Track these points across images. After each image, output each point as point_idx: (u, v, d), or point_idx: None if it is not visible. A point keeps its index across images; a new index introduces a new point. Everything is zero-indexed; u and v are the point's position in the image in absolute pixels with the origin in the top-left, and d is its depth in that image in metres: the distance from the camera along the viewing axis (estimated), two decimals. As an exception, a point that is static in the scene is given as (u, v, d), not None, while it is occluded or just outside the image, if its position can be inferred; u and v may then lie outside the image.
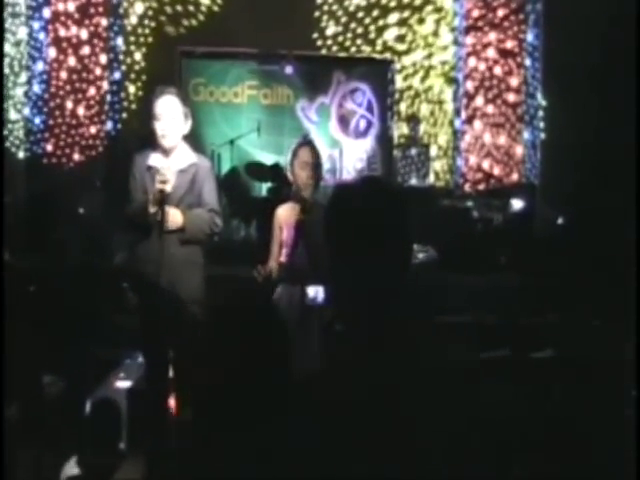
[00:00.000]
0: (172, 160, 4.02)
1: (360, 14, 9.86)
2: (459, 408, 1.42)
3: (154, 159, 4.01)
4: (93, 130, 9.14)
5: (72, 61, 8.96)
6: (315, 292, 3.81)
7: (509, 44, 9.75)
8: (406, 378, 1.41)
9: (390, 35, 9.94)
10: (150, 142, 4.08)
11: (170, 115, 3.97)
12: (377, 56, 9.97)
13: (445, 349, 1.51)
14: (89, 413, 4.01)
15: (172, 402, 3.84)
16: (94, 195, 8.30)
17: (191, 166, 4.06)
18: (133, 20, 9.47)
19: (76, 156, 8.96)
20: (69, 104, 8.96)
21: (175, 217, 3.92)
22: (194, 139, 4.65)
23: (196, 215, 4.00)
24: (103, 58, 9.21)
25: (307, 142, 4.26)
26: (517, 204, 8.19)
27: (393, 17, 9.89)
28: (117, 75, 9.38)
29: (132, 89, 9.49)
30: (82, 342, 4.29)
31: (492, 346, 3.75)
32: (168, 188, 3.88)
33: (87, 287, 4.14)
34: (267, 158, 9.11)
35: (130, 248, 4.25)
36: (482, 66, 9.79)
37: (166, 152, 4.00)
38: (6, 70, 8.54)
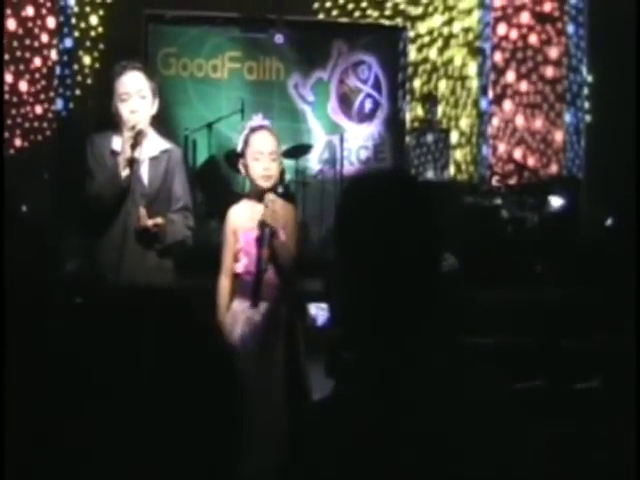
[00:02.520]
0: (142, 149, 4.04)
1: (365, -30, 9.91)
2: (487, 451, 1.43)
3: (119, 143, 4.02)
4: (39, 110, 9.13)
5: (12, 24, 8.96)
6: (316, 310, 3.84)
7: (547, 7, 9.78)
8: (424, 415, 1.42)
9: (402, -4, 9.98)
10: (110, 124, 4.10)
11: (138, 95, 4.00)
12: (386, 22, 9.99)
13: (469, 379, 1.52)
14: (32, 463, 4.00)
15: None
16: (40, 189, 8.30)
17: (163, 153, 4.09)
18: (89, -24, 9.51)
19: (18, 142, 8.96)
20: (9, 78, 8.95)
21: (160, 224, 3.96)
22: (164, 122, 4.66)
23: (173, 221, 4.05)
24: (51, 21, 9.21)
25: (262, 126, 4.17)
26: (556, 202, 8.21)
27: (406, -26, 9.93)
28: (68, 43, 9.39)
29: (87, 60, 9.50)
30: (22, 374, 4.28)
31: (526, 375, 3.76)
32: (141, 124, 3.92)
33: (31, 303, 4.12)
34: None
35: (86, 253, 4.25)
36: (514, 34, 9.81)
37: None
38: None
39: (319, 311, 3.90)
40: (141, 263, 3.98)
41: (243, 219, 4.06)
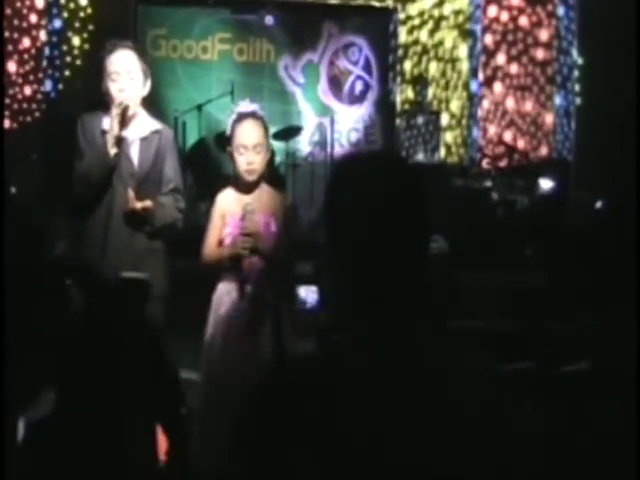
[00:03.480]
0: (132, 129, 4.03)
1: (356, -49, 9.86)
2: (476, 431, 1.43)
3: (109, 123, 4.00)
4: (28, 91, 9.08)
5: (1, 5, 8.88)
6: (306, 293, 3.83)
7: (538, -11, 9.76)
8: (414, 396, 1.42)
9: (393, -22, 9.94)
10: (101, 104, 4.08)
11: (128, 75, 3.98)
12: (377, 4, 9.96)
13: (459, 361, 1.52)
14: (23, 437, 4.00)
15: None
16: (29, 170, 8.26)
17: (154, 134, 4.08)
18: (77, -44, 9.42)
19: (7, 123, 8.90)
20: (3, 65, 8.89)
21: (149, 208, 3.94)
22: (153, 104, 4.63)
23: (163, 204, 4.03)
24: (40, 2, 9.14)
25: (247, 114, 4.03)
26: (546, 184, 8.22)
27: (396, -45, 9.89)
28: (57, 24, 9.32)
29: (76, 41, 9.43)
30: (14, 351, 4.28)
31: (515, 357, 3.77)
32: (130, 102, 3.92)
33: (21, 284, 4.12)
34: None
35: (76, 234, 4.25)
36: (504, 16, 9.79)
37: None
38: None
39: (309, 293, 3.88)
40: (130, 245, 3.98)
41: (232, 205, 4.03)
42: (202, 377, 4.06)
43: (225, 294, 4.02)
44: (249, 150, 3.94)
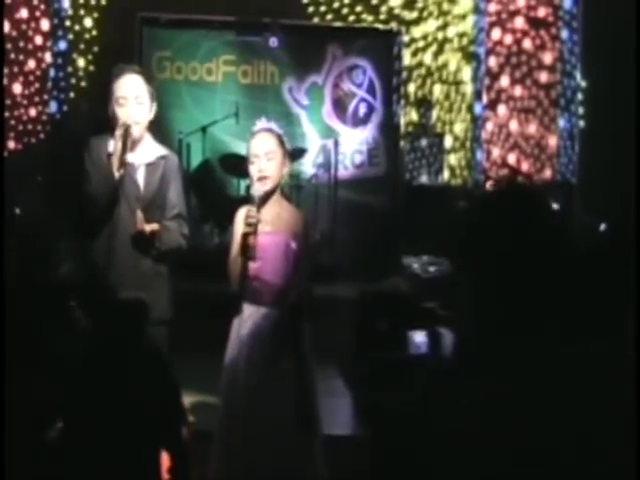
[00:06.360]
0: (138, 154, 4.05)
1: (360, -25, 9.92)
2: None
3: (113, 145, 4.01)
4: (33, 112, 9.12)
5: (6, 27, 8.94)
6: (419, 338, 3.78)
7: (541, 12, 9.80)
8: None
9: (397, 1, 9.99)
10: (106, 126, 4.10)
11: (136, 100, 3.99)
12: (381, 26, 10.01)
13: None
14: (30, 465, 3.98)
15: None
16: (34, 192, 8.28)
17: (160, 159, 4.09)
18: (83, -22, 9.49)
19: (12, 144, 8.94)
20: (3, 80, 8.93)
21: (156, 230, 3.94)
22: (158, 126, 4.65)
23: (168, 228, 4.03)
24: (45, 24, 9.21)
25: (261, 129, 4.11)
26: (550, 207, 8.22)
27: (400, -21, 9.95)
28: (63, 45, 9.38)
29: (81, 63, 9.49)
30: (17, 376, 4.27)
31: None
32: (135, 124, 3.93)
33: (25, 306, 4.12)
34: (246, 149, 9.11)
35: (80, 256, 4.26)
36: (508, 39, 9.84)
37: (131, 144, 4.02)
38: None
39: (422, 338, 3.84)
40: (135, 268, 3.98)
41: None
42: (223, 400, 4.01)
43: (247, 317, 3.98)
44: (260, 158, 3.97)
